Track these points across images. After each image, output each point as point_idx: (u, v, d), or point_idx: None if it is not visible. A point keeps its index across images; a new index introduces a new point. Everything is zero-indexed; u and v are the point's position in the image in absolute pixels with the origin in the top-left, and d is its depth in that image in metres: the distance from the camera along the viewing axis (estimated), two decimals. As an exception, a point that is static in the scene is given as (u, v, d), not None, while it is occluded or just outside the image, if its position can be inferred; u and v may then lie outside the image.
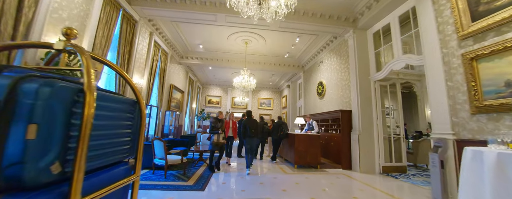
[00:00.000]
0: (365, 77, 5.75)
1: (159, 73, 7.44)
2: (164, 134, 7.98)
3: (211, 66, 10.42)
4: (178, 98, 9.79)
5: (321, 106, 8.00)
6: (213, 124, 5.06)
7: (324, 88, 7.72)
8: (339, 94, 6.70)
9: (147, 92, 6.49)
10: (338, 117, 6.07)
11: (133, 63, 5.56)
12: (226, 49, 8.91)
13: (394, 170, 5.37)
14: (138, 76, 6.00)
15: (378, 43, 5.85)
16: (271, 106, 15.80)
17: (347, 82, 6.29)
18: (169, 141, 6.18)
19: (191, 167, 5.07)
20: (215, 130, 5.03)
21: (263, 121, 7.02)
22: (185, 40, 8.17)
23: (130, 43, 5.45)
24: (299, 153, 5.47)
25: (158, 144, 4.04)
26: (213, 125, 5.05)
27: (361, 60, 5.83)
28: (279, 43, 8.02)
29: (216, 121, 5.14)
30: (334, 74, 7.13)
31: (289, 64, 10.03)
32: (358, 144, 5.38)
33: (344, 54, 6.52)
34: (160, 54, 7.37)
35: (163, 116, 7.90)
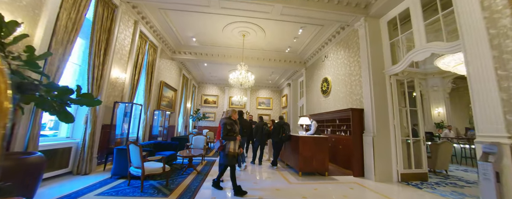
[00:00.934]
0: (379, 71, 5.02)
1: (147, 68, 6.67)
2: (153, 136, 7.21)
3: (206, 62, 9.66)
4: (170, 96, 9.02)
5: (325, 105, 7.27)
6: (229, 126, 3.62)
7: (329, 85, 6.99)
8: (347, 91, 5.97)
9: (131, 88, 5.72)
10: (348, 116, 5.34)
11: (111, 54, 4.79)
12: (222, 42, 8.16)
13: (414, 177, 4.64)
14: (118, 69, 5.22)
15: (393, 32, 5.14)
16: (270, 106, 15.06)
17: (357, 78, 5.56)
18: (155, 144, 5.41)
19: (177, 176, 4.30)
20: (231, 136, 3.61)
21: (263, 122, 6.27)
22: (176, 32, 7.41)
23: (108, 31, 4.68)
24: (304, 159, 4.73)
25: (133, 149, 3.28)
26: (229, 128, 3.61)
27: (375, 52, 5.11)
28: (280, 35, 7.28)
29: (232, 123, 3.73)
30: (341, 69, 6.40)
31: (291, 60, 9.30)
32: (373, 148, 4.65)
33: (354, 46, 5.80)
34: (148, 46, 6.60)
35: (151, 116, 7.12)
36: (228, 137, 3.58)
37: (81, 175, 4.09)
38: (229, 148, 3.52)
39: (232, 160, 3.50)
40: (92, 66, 4.24)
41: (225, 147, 3.55)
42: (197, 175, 4.46)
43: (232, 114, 3.86)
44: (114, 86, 5.08)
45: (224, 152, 3.54)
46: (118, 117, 5.22)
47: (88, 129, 4.23)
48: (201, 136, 6.01)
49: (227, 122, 3.65)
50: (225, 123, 3.63)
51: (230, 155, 3.50)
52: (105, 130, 4.74)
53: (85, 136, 4.21)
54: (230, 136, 3.58)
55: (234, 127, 3.65)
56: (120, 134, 5.10)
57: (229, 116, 3.84)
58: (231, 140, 3.58)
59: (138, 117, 6.22)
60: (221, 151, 3.62)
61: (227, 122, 3.65)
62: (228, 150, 3.51)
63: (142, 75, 6.59)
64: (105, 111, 4.75)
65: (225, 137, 3.57)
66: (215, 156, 7.28)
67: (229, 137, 3.58)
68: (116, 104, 4.91)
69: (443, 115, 10.83)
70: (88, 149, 4.18)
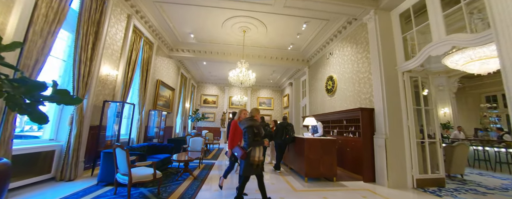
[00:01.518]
0: (391, 68, 4.64)
1: (142, 65, 6.29)
2: (148, 138, 6.82)
3: (205, 60, 9.29)
4: (167, 96, 8.64)
5: (331, 105, 6.88)
6: (256, 130, 3.00)
7: (335, 83, 6.60)
8: (355, 90, 5.58)
9: (124, 86, 5.34)
10: (357, 116, 4.95)
11: (100, 49, 4.41)
12: (221, 39, 7.78)
13: (430, 183, 4.25)
14: (109, 65, 4.84)
15: (405, 26, 4.76)
16: (271, 106, 14.67)
17: (366, 75, 5.18)
18: (150, 146, 5.02)
19: (171, 182, 3.92)
20: (258, 141, 3.00)
21: (264, 122, 5.88)
22: (173, 28, 7.03)
23: (97, 23, 4.30)
24: (311, 162, 4.34)
25: (120, 153, 2.89)
26: (256, 132, 2.99)
27: (386, 47, 4.73)
28: (283, 31, 6.91)
29: (259, 125, 3.12)
30: (348, 66, 6.01)
31: (293, 58, 8.91)
32: (385, 151, 4.26)
33: (362, 41, 5.41)
34: (143, 43, 6.23)
35: (146, 116, 6.74)
36: (255, 143, 2.97)
37: (65, 181, 3.70)
38: (254, 156, 2.95)
39: (256, 170, 2.97)
40: (78, 61, 3.86)
41: (250, 154, 2.95)
42: (194, 181, 4.07)
43: (255, 114, 3.23)
44: (104, 84, 4.70)
45: (247, 161, 2.94)
46: (109, 117, 4.84)
47: (73, 131, 3.84)
48: (199, 138, 5.62)
49: (254, 125, 3.01)
50: (251, 126, 2.99)
51: (254, 164, 2.95)
52: (93, 132, 4.36)
53: (70, 138, 3.82)
54: (257, 141, 2.99)
55: (261, 130, 3.09)
56: (111, 136, 4.72)
57: (251, 116, 3.19)
58: (257, 146, 3.00)
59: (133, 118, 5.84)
60: (243, 160, 3.01)
61: (254, 124, 3.02)
62: (253, 158, 2.94)
63: (137, 73, 6.22)
64: (93, 111, 4.37)
65: (252, 143, 2.95)
66: (213, 158, 6.89)
67: (256, 142, 2.98)
68: (106, 103, 4.52)
69: (448, 116, 10.46)
70: (73, 152, 3.79)
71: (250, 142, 2.96)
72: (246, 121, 3.09)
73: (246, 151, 2.96)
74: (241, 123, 3.14)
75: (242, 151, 2.96)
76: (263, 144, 3.05)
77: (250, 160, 2.94)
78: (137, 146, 4.49)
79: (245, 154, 2.94)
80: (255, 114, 3.24)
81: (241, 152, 2.96)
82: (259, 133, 3.04)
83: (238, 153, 3.03)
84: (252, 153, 2.95)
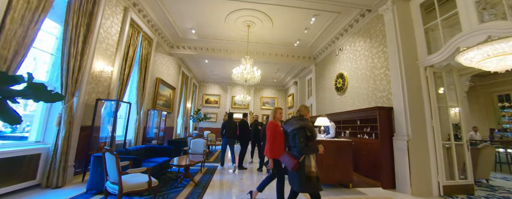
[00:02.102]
0: (412, 62, 4.22)
1: (140, 62, 5.91)
2: (147, 139, 6.44)
3: (207, 58, 8.91)
4: (167, 95, 8.27)
5: (341, 104, 6.45)
6: (309, 132, 2.31)
7: (345, 81, 6.17)
8: (370, 87, 5.15)
9: (121, 84, 4.96)
10: (373, 116, 4.53)
11: (93, 42, 4.03)
12: (224, 35, 7.39)
13: (458, 190, 3.81)
14: (103, 61, 4.46)
15: (426, 17, 4.34)
16: (275, 106, 14.23)
17: (383, 71, 4.75)
18: (147, 149, 4.63)
19: (170, 189, 3.52)
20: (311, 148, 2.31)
21: (271, 123, 5.47)
22: (173, 23, 6.65)
23: (89, 15, 3.93)
24: (324, 168, 3.91)
25: (109, 159, 2.50)
26: (309, 135, 2.32)
27: (405, 40, 4.30)
28: (289, 25, 6.49)
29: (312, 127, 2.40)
30: (361, 62, 5.58)
31: (299, 55, 8.49)
32: (408, 154, 3.83)
33: (378, 34, 4.99)
34: (141, 38, 5.85)
35: (145, 116, 6.36)
36: (309, 150, 2.28)
37: (51, 188, 3.32)
38: (310, 166, 2.25)
39: (317, 184, 2.24)
40: (66, 55, 3.48)
41: (304, 164, 2.24)
42: (195, 187, 3.67)
43: (305, 111, 2.53)
44: (97, 80, 4.33)
45: (302, 173, 2.22)
46: (104, 117, 4.47)
47: (61, 132, 3.46)
48: (200, 139, 5.23)
49: (307, 126, 2.31)
50: (303, 127, 2.29)
51: (313, 177, 2.22)
52: (85, 133, 3.98)
53: (57, 140, 3.44)
54: (309, 147, 2.29)
55: (315, 133, 2.39)
56: (105, 138, 4.34)
57: (300, 115, 2.49)
58: (312, 153, 2.32)
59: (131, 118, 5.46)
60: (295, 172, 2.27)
61: (306, 125, 2.32)
62: (309, 168, 2.23)
63: (135, 70, 5.84)
64: (85, 110, 3.99)
65: (305, 149, 2.25)
66: (216, 161, 6.48)
67: (309, 149, 2.28)
68: (99, 102, 4.14)
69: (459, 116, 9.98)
70: (61, 156, 3.41)
71: (303, 148, 2.24)
72: (295, 122, 2.36)
73: (298, 160, 2.25)
74: (288, 124, 2.42)
75: (293, 161, 2.24)
76: (317, 151, 2.34)
77: (306, 172, 2.22)
78: (133, 149, 4.10)
79: (298, 164, 2.23)
80: (305, 112, 2.52)
81: (292, 161, 2.25)
82: (312, 136, 2.34)
83: (288, 163, 2.30)
84: (307, 162, 2.26)
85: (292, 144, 2.37)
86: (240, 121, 5.97)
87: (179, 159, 4.05)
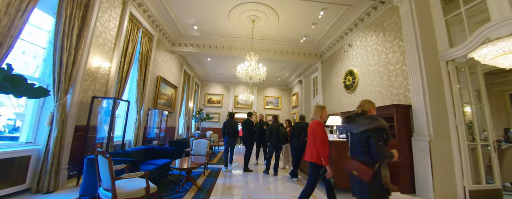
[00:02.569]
0: (432, 56, 3.90)
1: (140, 59, 5.65)
2: (148, 139, 6.18)
3: (210, 56, 8.63)
4: (169, 94, 8.00)
5: (350, 102, 6.13)
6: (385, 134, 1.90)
7: (356, 78, 5.85)
8: (384, 84, 4.83)
9: (119, 81, 4.70)
10: (388, 115, 4.21)
11: (89, 36, 3.77)
12: (228, 31, 7.11)
13: (486, 195, 3.47)
14: (100, 57, 4.20)
15: (446, 7, 4.01)
16: (279, 106, 13.94)
17: (399, 66, 4.43)
18: (147, 150, 4.36)
19: (171, 194, 3.24)
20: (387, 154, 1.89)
21: (278, 123, 5.18)
22: (174, 19, 6.39)
23: (84, 6, 3.66)
24: (340, 170, 3.60)
25: (102, 162, 2.22)
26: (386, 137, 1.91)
27: (424, 33, 3.98)
28: (296, 20, 6.19)
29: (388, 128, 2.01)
30: (373, 57, 5.26)
31: (305, 52, 8.18)
32: (429, 156, 3.50)
33: (393, 27, 4.67)
34: (141, 34, 5.59)
35: (145, 116, 6.09)
36: (386, 156, 1.85)
37: (42, 193, 3.05)
38: (387, 176, 1.86)
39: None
40: (59, 49, 3.21)
41: (380, 175, 1.83)
42: (198, 192, 3.38)
43: (370, 107, 2.09)
44: (94, 77, 4.06)
45: (378, 184, 1.82)
46: (102, 116, 4.20)
47: (53, 132, 3.19)
48: (203, 139, 4.95)
49: (385, 127, 1.87)
50: (381, 128, 1.86)
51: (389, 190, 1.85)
52: (80, 133, 3.71)
53: (49, 141, 3.18)
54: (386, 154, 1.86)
55: (390, 134, 1.97)
56: (103, 138, 4.07)
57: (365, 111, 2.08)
58: (388, 160, 1.90)
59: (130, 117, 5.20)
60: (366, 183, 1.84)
61: (384, 125, 1.87)
62: (386, 179, 1.84)
63: (135, 68, 5.59)
64: (80, 109, 3.73)
65: (383, 155, 1.82)
66: (219, 163, 6.20)
67: (386, 155, 1.85)
68: (95, 100, 3.88)
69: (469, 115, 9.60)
70: (53, 158, 3.14)
71: (381, 154, 1.80)
72: (368, 121, 1.92)
73: (373, 168, 1.82)
74: (357, 123, 1.99)
75: (367, 170, 1.82)
76: (392, 157, 1.90)
77: (383, 184, 1.81)
78: (132, 150, 3.83)
79: (373, 173, 1.81)
80: (369, 108, 2.08)
81: (365, 171, 1.83)
82: (388, 139, 1.90)
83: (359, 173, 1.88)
84: (383, 171, 1.84)
85: (360, 148, 1.95)
86: (244, 120, 5.68)
87: (181, 162, 3.77)
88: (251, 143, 5.50)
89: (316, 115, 2.79)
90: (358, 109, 2.17)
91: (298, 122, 4.61)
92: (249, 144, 5.45)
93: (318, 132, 2.59)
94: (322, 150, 2.54)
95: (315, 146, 2.60)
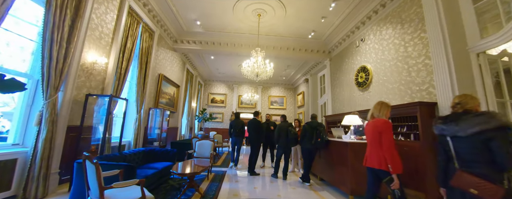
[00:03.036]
0: (461, 48, 3.50)
1: (140, 56, 5.35)
2: (149, 140, 5.88)
3: (214, 53, 8.32)
4: (171, 93, 7.70)
5: (364, 101, 5.74)
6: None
7: (369, 74, 5.46)
8: (403, 80, 4.44)
9: (117, 78, 4.39)
10: (409, 114, 3.82)
11: (83, 29, 3.47)
12: (232, 27, 6.78)
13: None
14: (96, 51, 3.90)
15: (476, -6, 3.61)
16: (283, 105, 13.56)
17: (421, 60, 4.03)
18: (146, 152, 4.04)
19: (172, 202, 2.90)
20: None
21: (287, 122, 4.81)
22: (176, 14, 6.08)
23: (78, -4, 3.36)
24: (357, 174, 3.23)
25: (90, 168, 1.89)
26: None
27: (451, 22, 3.59)
28: (305, 13, 5.83)
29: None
30: (390, 52, 4.87)
31: (313, 49, 7.80)
32: (461, 160, 3.09)
33: (413, 18, 4.27)
34: (141, 29, 5.29)
35: (146, 116, 5.79)
36: None
37: (29, 201, 2.75)
38: None
39: None
40: (49, 40, 2.91)
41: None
42: (201, 199, 3.04)
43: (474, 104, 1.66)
44: (89, 73, 3.76)
45: None
46: (97, 116, 3.90)
47: (42, 133, 2.89)
48: (207, 141, 4.62)
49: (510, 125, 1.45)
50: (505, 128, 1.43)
51: None
52: (73, 134, 3.41)
53: (37, 143, 2.87)
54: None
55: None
56: (99, 140, 3.76)
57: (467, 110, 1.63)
58: None
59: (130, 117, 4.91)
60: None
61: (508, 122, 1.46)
62: None
63: (134, 64, 5.29)
64: (74, 108, 3.43)
65: None
66: (224, 165, 5.86)
67: None
68: (89, 98, 3.57)
69: None
70: (41, 161, 2.84)
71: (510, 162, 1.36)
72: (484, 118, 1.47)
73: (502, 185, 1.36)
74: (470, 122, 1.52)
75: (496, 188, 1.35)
76: None
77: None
78: (129, 153, 3.51)
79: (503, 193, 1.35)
80: (476, 105, 1.66)
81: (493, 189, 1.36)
82: None
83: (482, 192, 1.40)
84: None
85: (472, 156, 1.49)
86: (250, 120, 5.34)
87: (183, 165, 3.44)
88: (257, 144, 5.15)
89: (381, 113, 2.28)
90: (456, 109, 1.70)
91: (309, 122, 4.25)
92: (255, 145, 5.10)
93: (388, 134, 2.12)
94: (392, 156, 2.07)
95: (382, 150, 2.14)
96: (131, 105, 5.32)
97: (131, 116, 5.32)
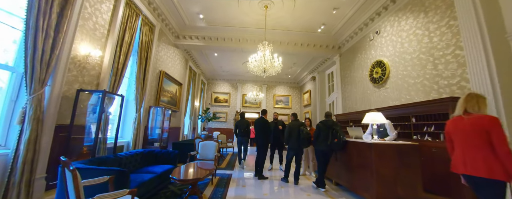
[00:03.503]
0: (500, 36, 3.07)
1: (140, 51, 5.00)
2: (149, 141, 5.53)
3: (217, 49, 7.95)
4: (173, 91, 7.36)
5: (380, 98, 5.31)
6: None
7: (386, 69, 5.04)
8: (427, 74, 4.01)
9: (114, 74, 4.05)
10: (438, 111, 3.41)
11: (74, 17, 3.12)
12: (237, 21, 6.41)
13: None
14: (90, 44, 3.55)
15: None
16: (289, 104, 13.14)
17: (450, 51, 3.60)
18: (145, 154, 3.68)
19: (172, 212, 2.52)
20: None
21: (298, 122, 4.40)
22: (178, 6, 5.73)
23: (67, -20, 3.02)
24: (382, 180, 2.83)
25: (69, 178, 1.53)
26: None
27: (487, 7, 3.16)
28: (315, 4, 5.42)
29: None
30: (411, 44, 4.44)
31: (322, 44, 7.39)
32: (505, 164, 2.67)
33: (439, 5, 3.84)
34: (141, 22, 4.95)
35: (146, 115, 5.45)
36: None
37: (10, 210, 2.40)
38: None
39: None
40: (33, 28, 2.56)
41: None
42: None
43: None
44: (82, 67, 3.42)
45: None
46: (92, 114, 3.55)
47: (25, 133, 2.54)
48: (210, 141, 4.25)
49: None
50: None
51: None
52: (62, 134, 3.06)
53: (19, 144, 2.53)
54: None
55: None
56: (91, 141, 3.41)
57: None
58: None
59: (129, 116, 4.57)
60: None
61: None
62: None
63: (134, 60, 4.96)
64: (64, 105, 3.09)
65: None
66: (228, 167, 5.48)
67: None
68: (80, 94, 3.23)
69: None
70: (23, 165, 2.49)
71: None
72: None
73: None
74: None
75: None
76: None
77: None
78: (125, 155, 3.15)
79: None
80: None
81: None
82: None
83: None
84: None
85: None
86: (257, 119, 4.96)
87: (185, 169, 3.07)
88: (265, 145, 4.75)
89: (481, 108, 1.83)
90: None
91: (324, 121, 3.84)
92: (263, 146, 4.71)
93: (500, 132, 1.68)
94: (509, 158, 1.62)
95: (493, 154, 1.69)
96: (130, 103, 4.98)
97: (130, 115, 4.99)
